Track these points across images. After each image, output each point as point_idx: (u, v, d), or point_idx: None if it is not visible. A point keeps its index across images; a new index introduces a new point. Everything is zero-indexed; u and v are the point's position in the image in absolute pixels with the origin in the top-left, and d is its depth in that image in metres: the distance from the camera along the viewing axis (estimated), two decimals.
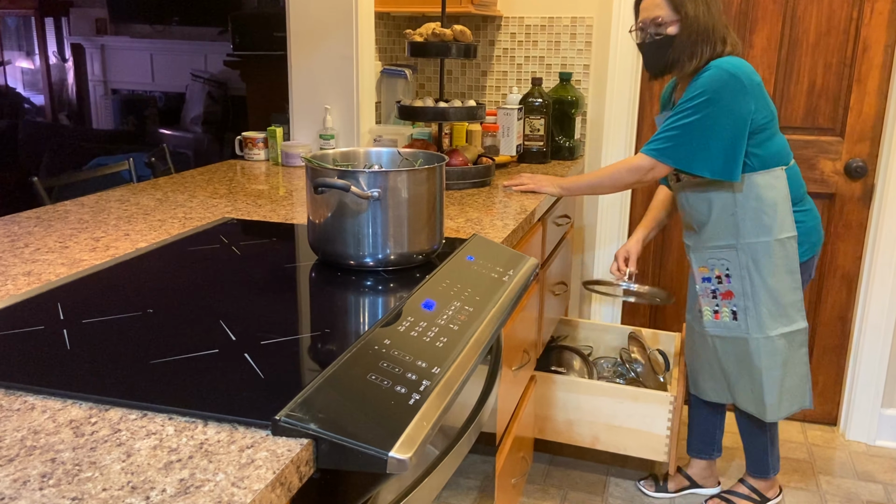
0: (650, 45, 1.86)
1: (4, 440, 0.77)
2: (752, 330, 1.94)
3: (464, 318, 1.14)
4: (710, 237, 1.95)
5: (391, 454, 0.78)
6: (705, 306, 2.01)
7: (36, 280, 1.27)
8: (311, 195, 1.32)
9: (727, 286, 1.95)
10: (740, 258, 1.91)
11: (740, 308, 1.94)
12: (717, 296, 1.98)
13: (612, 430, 2.25)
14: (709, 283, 1.98)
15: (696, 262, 2.01)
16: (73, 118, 6.29)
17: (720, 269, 1.95)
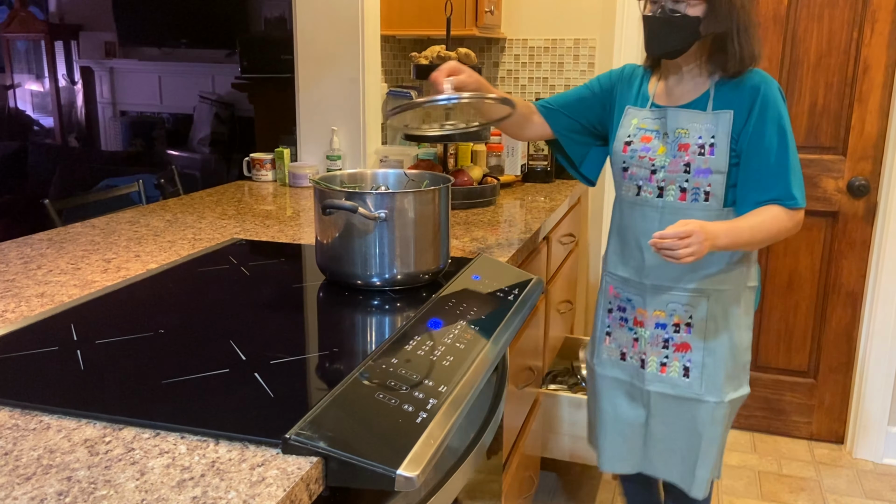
0: (661, 21, 1.46)
1: (21, 459, 0.79)
2: (706, 392, 1.61)
3: (470, 336, 1.15)
4: (679, 277, 1.59)
5: (399, 472, 0.79)
6: (651, 356, 1.65)
7: (49, 301, 1.29)
8: (318, 216, 1.34)
9: (685, 337, 1.62)
10: (710, 306, 1.59)
11: (696, 364, 1.62)
12: (670, 346, 1.63)
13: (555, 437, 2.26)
14: (663, 329, 1.63)
15: (650, 304, 1.63)
16: (81, 140, 6.36)
17: (681, 316, 1.61)
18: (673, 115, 1.55)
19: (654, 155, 1.57)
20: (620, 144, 1.62)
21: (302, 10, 2.41)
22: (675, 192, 1.55)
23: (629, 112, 1.63)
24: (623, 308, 1.71)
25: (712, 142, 1.50)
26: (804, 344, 2.76)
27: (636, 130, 1.60)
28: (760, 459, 2.69)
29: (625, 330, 1.71)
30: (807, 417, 2.81)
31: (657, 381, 1.65)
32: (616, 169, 1.65)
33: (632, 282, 1.66)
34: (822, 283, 2.70)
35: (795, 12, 2.55)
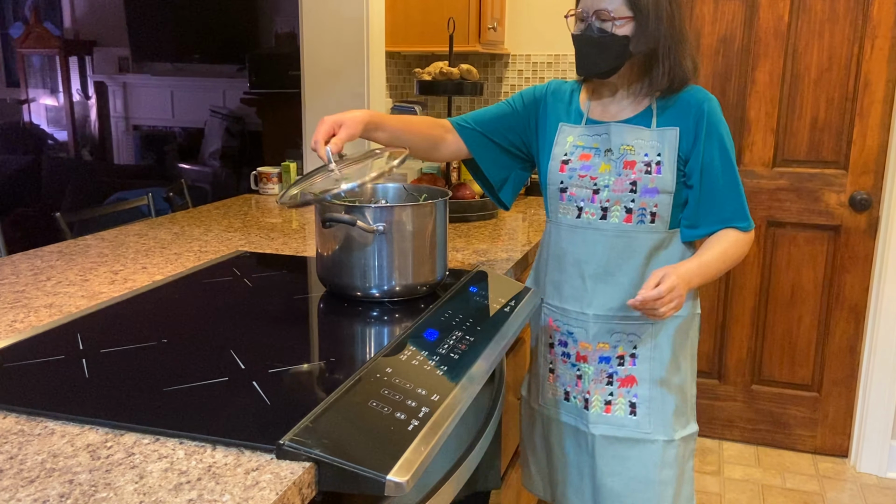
0: (589, 41, 1.39)
1: (26, 462, 0.82)
2: (654, 430, 1.49)
3: (464, 347, 1.18)
4: (623, 304, 1.48)
5: (389, 477, 0.82)
6: (595, 394, 1.52)
7: (57, 312, 1.33)
8: (319, 229, 1.37)
9: (630, 370, 1.50)
10: (657, 335, 1.48)
11: (643, 399, 1.50)
12: (615, 381, 1.51)
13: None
14: (607, 364, 1.51)
15: (594, 336, 1.51)
16: (95, 154, 6.45)
17: (626, 346, 1.49)
18: (617, 130, 1.46)
19: (595, 173, 1.47)
20: (557, 163, 1.51)
21: (308, 26, 2.46)
22: (620, 212, 1.45)
23: (563, 129, 1.53)
24: (564, 342, 1.57)
25: (658, 160, 1.43)
26: (807, 357, 2.77)
27: (573, 148, 1.50)
28: (764, 473, 2.69)
29: (567, 366, 1.57)
30: (811, 431, 2.81)
31: (602, 423, 1.52)
32: (551, 190, 1.53)
33: (573, 313, 1.53)
34: (825, 297, 2.71)
35: (796, 28, 2.58)
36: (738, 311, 2.81)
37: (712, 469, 2.70)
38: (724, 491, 2.56)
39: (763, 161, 2.69)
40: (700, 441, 2.91)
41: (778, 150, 2.68)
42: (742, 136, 2.70)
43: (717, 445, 2.88)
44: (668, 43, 1.40)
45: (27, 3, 6.29)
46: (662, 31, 1.38)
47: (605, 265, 1.48)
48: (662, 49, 1.40)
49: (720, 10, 2.64)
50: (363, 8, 2.37)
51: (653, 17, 1.36)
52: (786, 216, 2.70)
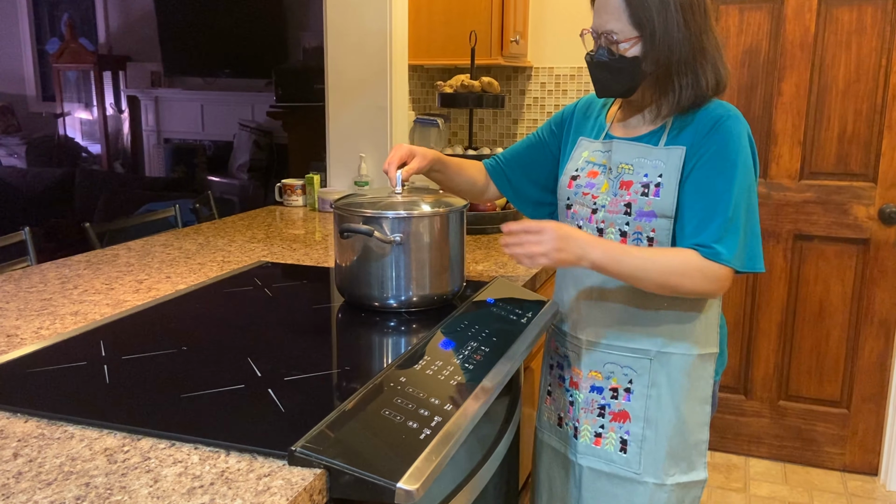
0: (600, 65, 1.32)
1: (45, 465, 0.84)
2: (644, 471, 1.39)
3: (480, 357, 1.18)
4: (619, 334, 1.38)
5: (399, 485, 0.82)
6: (585, 423, 1.43)
7: (82, 319, 1.35)
8: (337, 239, 1.39)
9: (623, 404, 1.40)
10: (653, 372, 1.37)
11: (635, 438, 1.39)
12: (606, 414, 1.41)
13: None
14: (599, 394, 1.42)
15: (585, 363, 1.42)
16: (127, 166, 6.58)
17: (620, 379, 1.40)
18: (617, 147, 1.36)
19: (597, 192, 1.38)
20: (566, 179, 1.44)
21: (333, 40, 2.49)
22: (614, 235, 1.35)
23: (581, 143, 1.45)
24: (561, 365, 1.50)
25: (658, 181, 1.31)
26: (836, 373, 2.72)
27: (584, 164, 1.42)
28: (791, 491, 2.63)
29: (562, 391, 1.49)
30: (839, 448, 2.75)
31: (590, 455, 1.43)
32: (560, 206, 1.46)
33: (568, 336, 1.46)
34: (854, 312, 2.66)
35: (823, 39, 2.55)
36: (765, 325, 2.77)
37: (738, 486, 2.66)
38: None
39: (790, 174, 2.66)
40: (726, 457, 2.87)
41: (805, 163, 2.64)
42: (768, 149, 2.67)
43: (744, 462, 2.83)
44: (684, 58, 1.28)
45: (63, 19, 6.46)
46: (675, 46, 1.27)
47: (598, 289, 1.39)
48: (676, 65, 1.28)
49: (745, 21, 2.62)
50: (386, 21, 2.40)
51: (661, 34, 1.26)
52: (813, 229, 2.66)
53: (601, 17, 1.31)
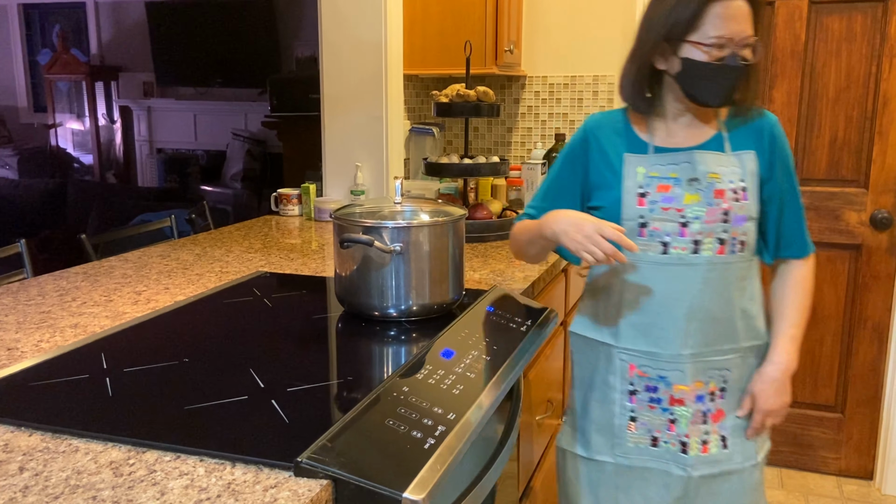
0: (731, 71, 1.31)
1: (50, 479, 0.84)
2: (744, 458, 1.45)
3: (481, 366, 1.19)
4: (717, 337, 1.41)
5: (405, 495, 0.83)
6: (693, 437, 1.43)
7: (82, 332, 1.35)
8: (337, 249, 1.39)
9: (719, 403, 1.44)
10: (743, 365, 1.44)
11: (732, 430, 1.45)
12: (708, 419, 1.44)
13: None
14: (701, 402, 1.43)
15: (691, 376, 1.42)
16: (119, 177, 6.56)
17: (717, 381, 1.43)
18: (702, 158, 1.37)
19: (680, 205, 1.37)
20: (632, 197, 1.39)
21: (328, 51, 2.50)
22: (713, 245, 1.37)
23: (630, 160, 1.41)
24: (654, 388, 1.44)
25: (742, 185, 1.37)
26: (831, 378, 2.73)
27: (647, 179, 1.39)
28: (788, 496, 2.65)
29: (657, 412, 1.45)
30: (835, 453, 2.77)
31: (702, 464, 1.43)
32: (627, 226, 1.39)
33: (663, 356, 1.41)
34: (848, 317, 2.68)
35: (813, 47, 2.58)
36: None
37: None
38: None
39: None
40: None
41: (797, 170, 2.66)
42: None
43: None
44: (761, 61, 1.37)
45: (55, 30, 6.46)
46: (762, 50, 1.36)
47: (699, 301, 1.38)
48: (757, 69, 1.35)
49: None
50: (381, 32, 2.41)
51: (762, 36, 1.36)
52: None
53: (738, 24, 1.30)
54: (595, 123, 1.48)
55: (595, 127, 1.47)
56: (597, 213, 1.45)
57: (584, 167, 1.47)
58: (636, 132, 1.44)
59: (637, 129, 1.44)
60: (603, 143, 1.45)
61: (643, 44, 1.37)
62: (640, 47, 1.38)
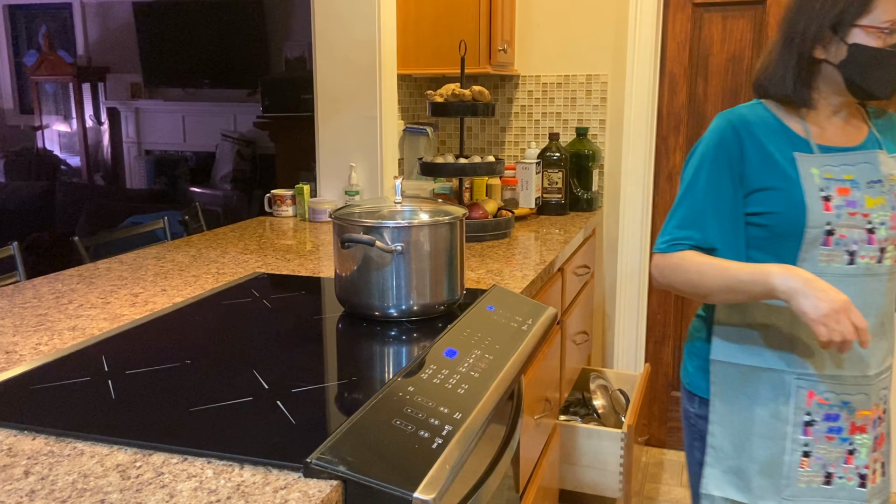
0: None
1: (57, 483, 0.83)
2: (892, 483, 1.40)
3: (484, 365, 1.19)
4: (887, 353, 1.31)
5: (416, 495, 0.82)
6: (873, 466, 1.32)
7: (80, 335, 1.34)
8: (337, 249, 1.39)
9: (883, 426, 1.33)
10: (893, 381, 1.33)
11: (886, 454, 1.35)
12: (878, 446, 1.33)
13: (572, 469, 2.28)
14: (876, 427, 1.32)
15: (874, 400, 1.30)
16: (107, 179, 6.52)
17: (883, 402, 1.33)
18: (881, 158, 1.28)
19: (864, 209, 1.25)
20: (817, 202, 1.24)
21: (321, 51, 2.49)
22: (893, 252, 1.27)
23: (801, 160, 1.28)
24: (835, 416, 1.29)
25: None
26: None
27: (825, 182, 1.26)
28: None
29: (835, 443, 1.30)
30: None
31: (874, 496, 1.32)
32: (812, 234, 1.25)
33: (849, 378, 1.28)
34: None
35: None
36: None
37: None
38: None
39: None
40: None
41: None
42: None
43: None
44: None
45: (41, 31, 6.40)
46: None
47: (881, 315, 1.28)
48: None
49: (728, 29, 2.67)
50: (375, 32, 2.41)
51: None
52: None
53: None
54: (742, 120, 1.31)
55: (745, 124, 1.31)
56: (765, 221, 1.29)
57: (740, 169, 1.30)
58: (794, 130, 1.31)
59: (791, 125, 1.31)
60: (762, 141, 1.29)
61: (804, 30, 1.25)
62: (798, 35, 1.26)
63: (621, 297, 2.87)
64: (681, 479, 2.74)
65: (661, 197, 2.84)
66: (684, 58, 2.73)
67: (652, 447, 2.99)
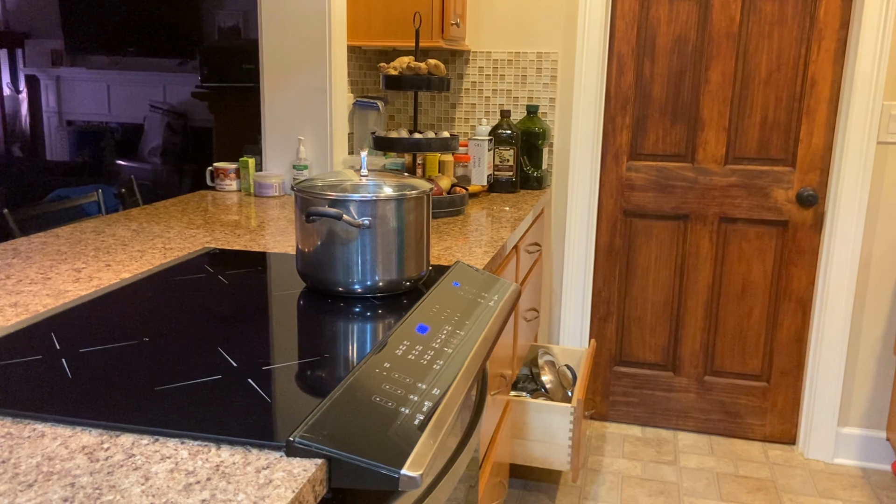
0: None
1: (20, 467, 0.78)
2: None
3: (456, 341, 1.17)
4: None
5: (403, 472, 0.80)
6: None
7: (24, 311, 1.26)
8: (300, 223, 1.34)
9: None
10: None
11: None
12: None
13: (521, 443, 2.32)
14: None
15: None
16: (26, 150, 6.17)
17: None
18: None
19: None
20: None
21: (268, 19, 2.40)
22: None
23: None
24: None
25: None
26: (757, 349, 2.86)
27: None
28: (718, 461, 2.77)
29: None
30: (761, 420, 2.91)
31: None
32: None
33: None
34: (774, 290, 2.81)
35: (747, 29, 2.66)
36: (693, 304, 2.89)
37: (669, 459, 2.77)
38: (680, 480, 2.62)
39: (715, 159, 2.77)
40: (655, 432, 2.98)
41: (730, 149, 2.76)
42: (696, 135, 2.77)
43: (673, 436, 2.95)
44: None
45: None
46: None
47: None
48: None
49: (675, 11, 2.70)
50: (325, 1, 2.34)
51: None
52: (737, 212, 2.78)
53: None
54: None
55: None
56: None
57: None
58: None
59: None
60: None
61: None
62: None
63: (568, 275, 2.91)
64: (622, 451, 2.81)
65: (608, 176, 2.88)
66: (632, 38, 2.75)
67: (594, 420, 3.06)
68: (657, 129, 2.80)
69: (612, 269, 2.94)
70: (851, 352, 2.70)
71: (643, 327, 2.96)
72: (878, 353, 2.69)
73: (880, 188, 2.58)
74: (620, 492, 2.55)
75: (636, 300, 2.94)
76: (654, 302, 2.93)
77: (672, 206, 2.84)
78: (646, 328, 2.96)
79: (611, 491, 2.56)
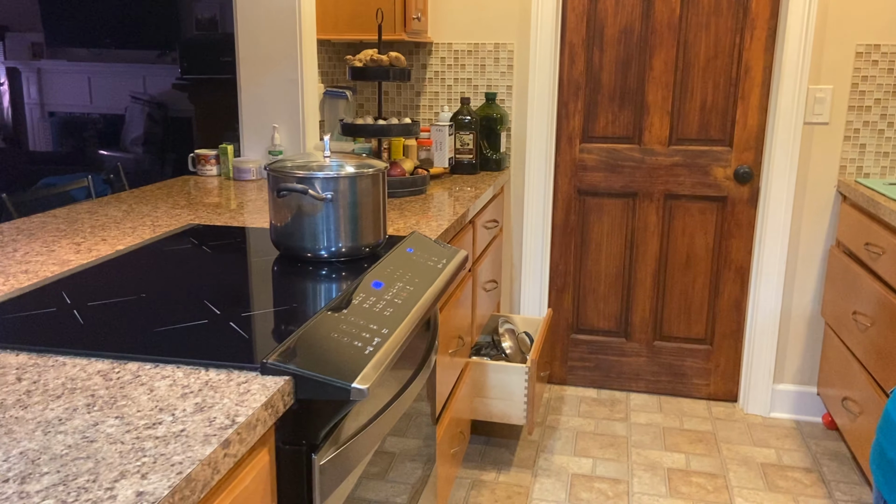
0: None
1: (49, 385, 0.99)
2: None
3: (406, 294, 1.39)
4: None
5: (353, 385, 1.03)
6: None
7: (34, 276, 1.47)
8: (273, 198, 1.56)
9: None
10: None
11: None
12: None
13: (482, 401, 2.56)
14: None
15: None
16: (8, 140, 6.30)
17: None
18: None
19: None
20: None
21: (243, 15, 2.60)
22: None
23: None
24: None
25: None
26: (701, 314, 3.12)
27: None
28: (665, 418, 3.02)
29: None
30: (705, 380, 3.16)
31: None
32: None
33: None
34: (716, 260, 3.06)
35: (686, 20, 2.89)
36: (642, 275, 3.13)
37: (621, 416, 3.02)
38: (630, 434, 2.88)
39: (660, 140, 3.00)
40: (609, 394, 3.23)
41: (673, 131, 2.99)
42: (642, 118, 3.00)
43: (626, 397, 3.20)
44: None
45: None
46: None
47: None
48: None
49: (621, 3, 2.93)
50: None
51: None
52: (681, 189, 3.02)
53: None
54: None
55: None
56: None
57: None
58: None
59: None
60: None
61: None
62: None
63: (527, 250, 3.14)
64: (578, 411, 3.06)
65: (562, 157, 3.10)
66: (582, 29, 2.97)
67: (554, 384, 3.30)
68: (607, 113, 3.03)
69: (567, 243, 3.18)
70: (784, 315, 2.96)
71: (597, 297, 3.20)
72: (809, 316, 2.95)
73: (807, 165, 2.84)
74: (574, 445, 2.80)
75: (590, 272, 3.19)
76: (606, 274, 3.17)
77: (621, 185, 3.07)
78: (600, 298, 3.20)
79: (566, 444, 2.80)
